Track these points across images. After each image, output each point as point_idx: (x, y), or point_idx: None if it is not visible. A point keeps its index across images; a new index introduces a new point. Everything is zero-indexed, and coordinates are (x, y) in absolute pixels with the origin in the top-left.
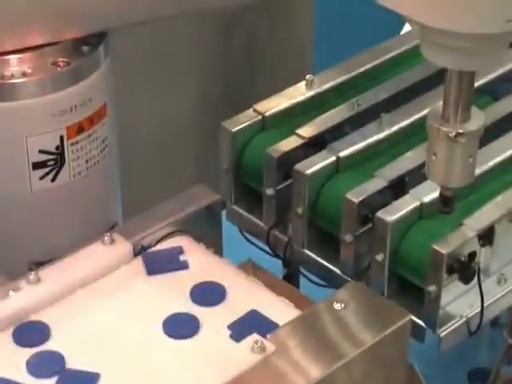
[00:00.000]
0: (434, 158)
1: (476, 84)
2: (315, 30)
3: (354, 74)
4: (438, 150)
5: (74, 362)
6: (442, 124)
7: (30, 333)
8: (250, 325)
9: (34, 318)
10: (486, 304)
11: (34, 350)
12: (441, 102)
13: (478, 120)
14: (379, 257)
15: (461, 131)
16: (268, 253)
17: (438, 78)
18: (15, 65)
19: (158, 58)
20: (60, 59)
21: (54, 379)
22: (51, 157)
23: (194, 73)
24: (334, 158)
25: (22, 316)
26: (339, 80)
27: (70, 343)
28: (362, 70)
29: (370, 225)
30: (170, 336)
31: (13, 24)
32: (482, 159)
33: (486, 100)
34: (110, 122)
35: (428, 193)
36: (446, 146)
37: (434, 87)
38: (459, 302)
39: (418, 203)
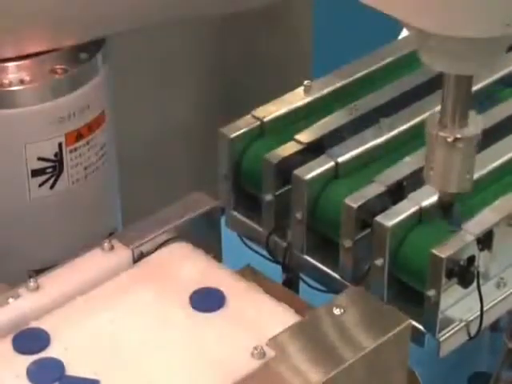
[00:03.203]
0: (432, 163)
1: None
2: (313, 35)
3: (352, 79)
4: (436, 155)
5: (73, 369)
6: (439, 129)
7: (29, 340)
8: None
9: (33, 325)
10: (485, 308)
11: (33, 357)
12: (439, 108)
13: (476, 125)
14: (378, 261)
15: (459, 136)
16: (267, 258)
17: (437, 82)
18: (13, 72)
19: (155, 64)
20: (58, 66)
21: None
22: (50, 164)
23: (192, 79)
24: (332, 164)
25: (22, 323)
26: (337, 85)
27: (70, 350)
28: (360, 75)
29: (369, 230)
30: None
31: (12, 31)
32: (480, 163)
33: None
34: (108, 129)
35: (427, 197)
36: (444, 151)
37: (433, 92)
38: (459, 306)
39: (416, 207)
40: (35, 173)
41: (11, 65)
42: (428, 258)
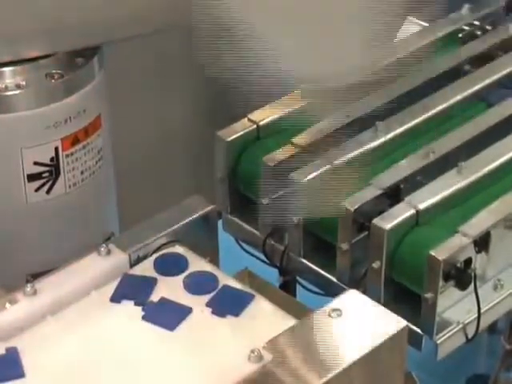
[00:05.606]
0: None
1: (470, 91)
2: None
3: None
4: None
5: None
6: None
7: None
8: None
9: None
10: (482, 310)
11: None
12: None
13: None
14: (375, 264)
15: None
16: (264, 262)
17: (433, 85)
18: (9, 77)
19: (152, 67)
20: (54, 71)
21: None
22: (46, 168)
23: (189, 83)
24: (329, 167)
25: (19, 328)
26: None
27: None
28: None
29: (366, 232)
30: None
31: (8, 36)
32: (477, 166)
33: (480, 107)
34: (104, 133)
35: (423, 200)
36: None
37: (429, 94)
38: (456, 309)
39: (413, 210)
40: (32, 177)
41: (7, 69)
42: (425, 261)
